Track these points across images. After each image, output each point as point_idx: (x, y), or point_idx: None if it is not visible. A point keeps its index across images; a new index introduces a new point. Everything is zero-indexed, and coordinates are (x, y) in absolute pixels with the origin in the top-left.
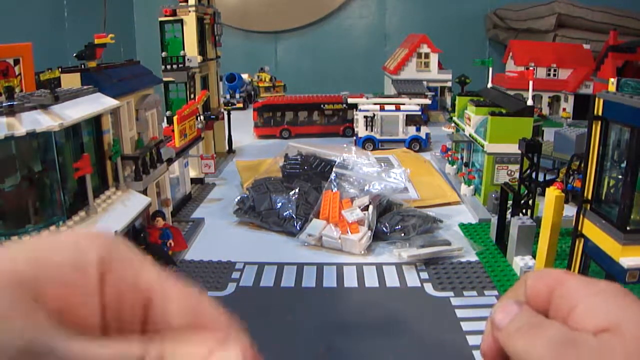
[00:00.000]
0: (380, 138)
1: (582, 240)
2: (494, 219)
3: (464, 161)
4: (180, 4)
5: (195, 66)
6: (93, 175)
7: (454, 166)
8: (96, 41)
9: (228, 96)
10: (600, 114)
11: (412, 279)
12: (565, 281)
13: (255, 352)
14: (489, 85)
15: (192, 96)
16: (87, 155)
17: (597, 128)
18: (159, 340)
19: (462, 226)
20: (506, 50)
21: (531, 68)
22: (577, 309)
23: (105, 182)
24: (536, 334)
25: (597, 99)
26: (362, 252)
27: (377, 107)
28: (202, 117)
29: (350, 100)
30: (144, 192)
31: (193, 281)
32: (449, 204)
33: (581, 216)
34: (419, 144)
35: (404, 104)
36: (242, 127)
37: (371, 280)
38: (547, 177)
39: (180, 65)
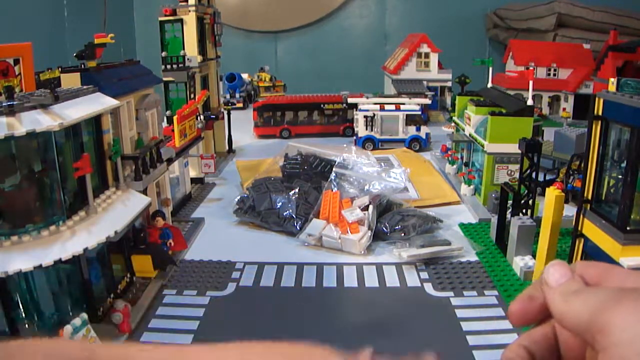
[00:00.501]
0: (380, 138)
1: (582, 240)
2: (494, 219)
3: (464, 161)
4: (180, 3)
5: (195, 66)
6: (93, 175)
7: (454, 166)
8: (96, 41)
9: (228, 96)
10: (600, 113)
11: (412, 279)
12: (613, 269)
13: None
14: (489, 85)
15: (192, 96)
16: (87, 155)
17: (597, 128)
18: None
19: (462, 226)
20: (506, 50)
21: (531, 68)
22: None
23: (105, 182)
24: (589, 294)
25: (597, 99)
26: (362, 252)
27: (377, 107)
28: (202, 117)
29: (350, 100)
30: (144, 192)
31: (193, 281)
32: (449, 203)
33: (581, 216)
34: (419, 144)
35: (404, 104)
36: (242, 126)
37: (371, 280)
38: (547, 177)
39: (180, 65)
